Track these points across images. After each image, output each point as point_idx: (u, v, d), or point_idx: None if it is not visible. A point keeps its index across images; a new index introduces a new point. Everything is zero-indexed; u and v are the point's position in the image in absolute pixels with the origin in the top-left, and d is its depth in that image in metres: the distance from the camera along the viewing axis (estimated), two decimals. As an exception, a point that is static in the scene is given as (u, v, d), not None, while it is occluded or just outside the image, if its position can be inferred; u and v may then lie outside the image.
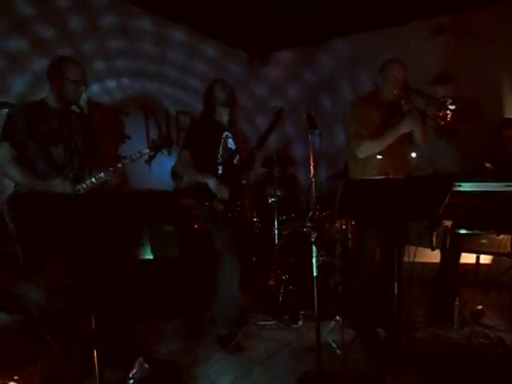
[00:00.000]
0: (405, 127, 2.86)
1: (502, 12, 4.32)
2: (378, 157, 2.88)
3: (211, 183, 2.97)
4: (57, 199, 2.44)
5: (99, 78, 4.04)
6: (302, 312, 3.50)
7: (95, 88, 3.88)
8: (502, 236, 3.39)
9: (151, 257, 3.71)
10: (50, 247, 2.39)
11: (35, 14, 3.59)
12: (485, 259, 4.00)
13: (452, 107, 2.61)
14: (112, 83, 4.23)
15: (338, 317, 3.09)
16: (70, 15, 3.84)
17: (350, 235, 3.65)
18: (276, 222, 3.98)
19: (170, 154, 3.68)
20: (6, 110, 3.29)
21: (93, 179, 2.54)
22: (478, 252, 3.80)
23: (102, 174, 2.56)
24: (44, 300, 2.62)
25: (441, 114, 2.65)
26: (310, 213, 2.45)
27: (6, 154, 2.45)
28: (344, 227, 3.68)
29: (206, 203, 2.98)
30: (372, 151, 2.90)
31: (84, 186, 2.52)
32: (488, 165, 3.33)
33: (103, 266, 2.41)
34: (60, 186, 2.46)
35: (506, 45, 4.30)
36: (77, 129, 2.65)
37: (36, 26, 3.60)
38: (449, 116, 2.62)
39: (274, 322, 3.49)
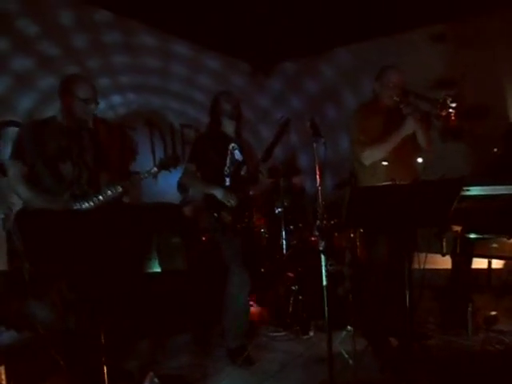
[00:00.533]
0: (406, 129, 2.84)
1: (502, 16, 4.33)
2: (384, 163, 2.86)
3: (218, 193, 2.97)
4: (63, 216, 2.45)
5: (104, 94, 4.08)
6: (312, 322, 3.46)
7: (101, 104, 3.91)
8: (513, 240, 3.35)
9: (159, 270, 3.70)
10: (57, 264, 2.40)
11: (39, 32, 3.64)
12: (497, 264, 3.94)
13: (453, 105, 2.59)
14: (117, 98, 4.26)
15: (349, 326, 3.05)
16: (73, 33, 3.89)
17: (358, 243, 3.62)
18: (284, 232, 3.96)
19: (176, 167, 3.70)
20: (14, 128, 3.37)
21: (100, 197, 2.55)
22: (490, 257, 3.74)
23: (109, 191, 2.57)
24: (51, 318, 2.61)
25: (444, 114, 2.63)
26: (318, 222, 2.43)
27: (17, 172, 2.48)
28: (352, 235, 3.65)
29: (215, 214, 2.98)
30: (377, 157, 2.89)
31: (91, 203, 2.53)
32: (495, 149, 3.26)
33: (112, 281, 2.40)
34: (66, 204, 2.48)
35: (508, 49, 4.29)
36: (87, 145, 2.68)
37: (41, 45, 3.65)
38: (452, 115, 2.59)
39: (284, 333, 3.46)
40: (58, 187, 2.51)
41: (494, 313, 3.30)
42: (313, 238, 3.98)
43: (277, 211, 4.18)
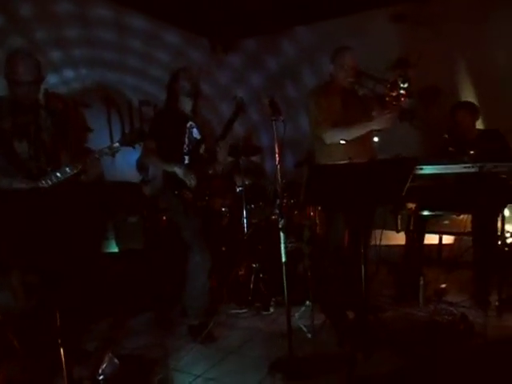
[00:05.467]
0: (376, 125, 2.90)
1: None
2: (342, 142, 2.91)
3: (179, 171, 2.93)
4: (19, 195, 2.36)
5: (56, 68, 3.88)
6: (273, 299, 3.52)
7: (52, 79, 3.72)
8: (462, 216, 3.52)
9: (116, 250, 3.63)
10: (15, 246, 2.31)
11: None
12: (447, 239, 4.13)
13: (404, 85, 2.63)
14: (69, 73, 4.06)
15: (308, 302, 3.12)
16: (20, 1, 3.65)
17: (317, 221, 3.69)
18: (244, 211, 3.97)
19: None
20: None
21: (58, 174, 2.49)
22: (441, 233, 3.93)
23: (68, 168, 2.51)
24: (10, 302, 2.54)
25: (394, 94, 2.68)
26: (278, 200, 2.45)
27: None
28: (312, 213, 3.72)
29: (175, 192, 2.94)
30: (339, 138, 2.93)
31: (48, 181, 2.46)
32: (446, 136, 3.43)
33: (68, 261, 2.34)
34: (23, 183, 2.40)
35: (463, 30, 4.40)
36: (45, 124, 2.57)
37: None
38: (403, 95, 2.64)
39: (245, 310, 3.50)
40: (12, 166, 2.42)
41: (443, 285, 3.47)
42: (273, 217, 4.02)
43: (238, 190, 4.18)
